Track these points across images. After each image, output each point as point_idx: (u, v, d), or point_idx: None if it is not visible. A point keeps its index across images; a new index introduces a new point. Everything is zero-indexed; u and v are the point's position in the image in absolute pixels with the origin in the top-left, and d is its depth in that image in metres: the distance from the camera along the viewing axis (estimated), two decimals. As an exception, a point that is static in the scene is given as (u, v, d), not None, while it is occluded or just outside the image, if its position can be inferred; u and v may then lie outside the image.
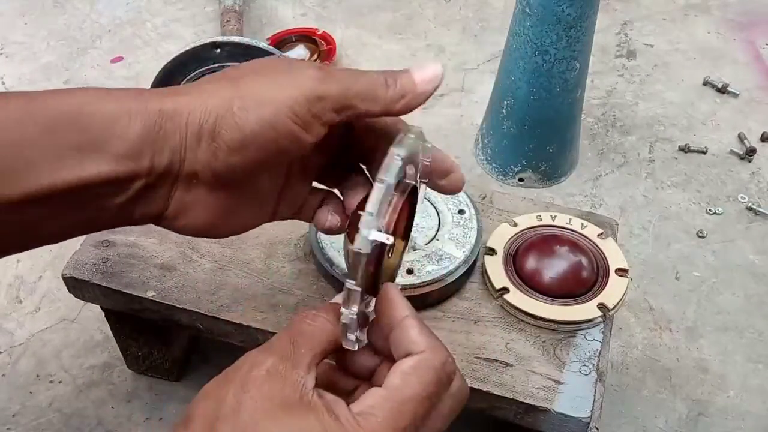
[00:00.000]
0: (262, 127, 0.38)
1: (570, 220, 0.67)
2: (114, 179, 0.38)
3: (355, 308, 0.39)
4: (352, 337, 0.40)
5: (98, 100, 0.38)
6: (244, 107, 0.38)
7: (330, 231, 0.48)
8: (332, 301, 0.42)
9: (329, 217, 0.47)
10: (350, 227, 0.46)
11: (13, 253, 0.41)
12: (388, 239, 0.39)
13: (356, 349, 0.41)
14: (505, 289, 0.61)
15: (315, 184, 0.48)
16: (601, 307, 0.60)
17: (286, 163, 0.44)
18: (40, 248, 0.38)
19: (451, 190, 0.47)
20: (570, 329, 0.59)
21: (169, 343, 0.72)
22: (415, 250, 0.62)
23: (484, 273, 0.63)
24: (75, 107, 0.38)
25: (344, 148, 0.46)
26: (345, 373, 0.43)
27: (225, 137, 0.39)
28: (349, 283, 0.39)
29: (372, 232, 0.38)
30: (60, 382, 0.76)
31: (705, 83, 1.19)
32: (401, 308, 0.41)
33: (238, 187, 0.42)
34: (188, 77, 0.82)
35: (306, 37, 1.23)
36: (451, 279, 0.60)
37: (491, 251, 0.64)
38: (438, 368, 0.38)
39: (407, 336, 0.39)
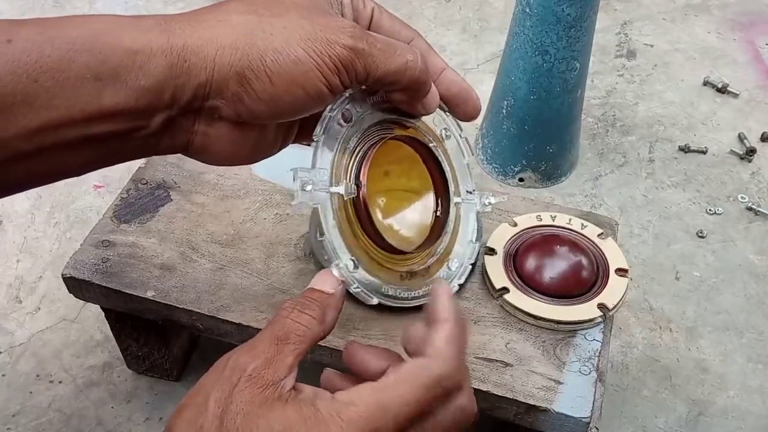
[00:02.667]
0: (293, 86, 0.39)
1: (570, 220, 0.67)
2: (134, 111, 0.37)
3: (338, 260, 0.41)
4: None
5: (118, 28, 0.37)
6: (277, 61, 0.38)
7: None
8: (311, 285, 0.42)
9: None
10: None
11: (39, 185, 0.40)
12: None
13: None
14: (505, 289, 0.61)
15: None
16: (601, 307, 0.60)
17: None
18: (40, 248, 0.37)
19: (465, 118, 0.49)
20: (570, 329, 0.59)
21: (169, 343, 0.72)
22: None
23: (484, 273, 0.63)
24: (93, 35, 0.36)
25: None
26: (355, 377, 0.42)
27: (255, 86, 0.38)
28: (319, 238, 0.42)
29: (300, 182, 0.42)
30: (60, 382, 0.76)
31: (705, 83, 1.19)
32: (446, 311, 0.40)
33: (259, 125, 0.43)
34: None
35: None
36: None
37: (491, 251, 0.64)
38: (434, 378, 0.37)
39: (430, 337, 0.38)
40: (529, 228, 0.66)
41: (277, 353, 0.37)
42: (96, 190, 0.98)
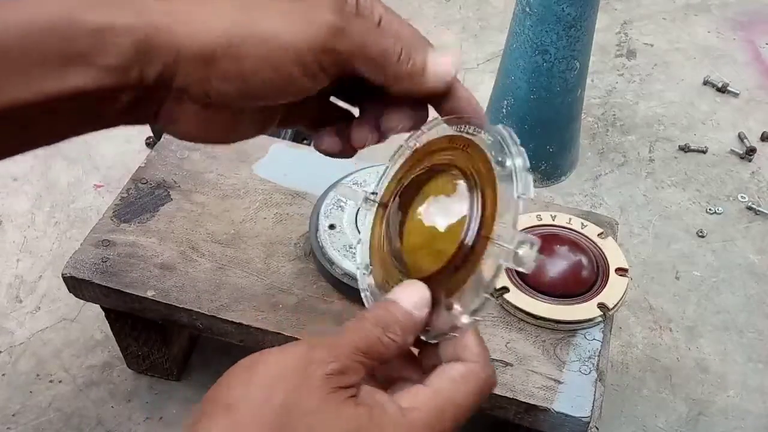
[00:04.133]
0: (262, 66, 0.38)
1: (570, 219, 0.67)
2: (99, 91, 0.36)
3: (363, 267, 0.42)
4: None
5: (82, 6, 0.36)
6: (246, 41, 0.37)
7: (327, 153, 0.47)
8: (395, 297, 0.41)
9: (326, 139, 0.46)
10: None
11: (4, 158, 0.39)
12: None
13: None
14: (505, 289, 0.61)
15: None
16: (601, 306, 0.60)
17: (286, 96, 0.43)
18: (40, 248, 0.37)
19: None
20: (570, 329, 0.59)
21: (169, 343, 0.72)
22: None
23: (484, 272, 0.63)
24: (56, 14, 0.35)
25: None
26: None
27: (221, 66, 0.37)
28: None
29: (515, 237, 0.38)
30: (60, 381, 0.76)
31: (705, 83, 1.19)
32: None
33: (232, 109, 0.42)
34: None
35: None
36: (451, 279, 0.60)
37: (491, 251, 0.64)
38: (483, 382, 0.39)
39: (465, 341, 0.40)
40: (529, 227, 0.66)
41: (353, 363, 0.38)
42: (96, 190, 0.98)
